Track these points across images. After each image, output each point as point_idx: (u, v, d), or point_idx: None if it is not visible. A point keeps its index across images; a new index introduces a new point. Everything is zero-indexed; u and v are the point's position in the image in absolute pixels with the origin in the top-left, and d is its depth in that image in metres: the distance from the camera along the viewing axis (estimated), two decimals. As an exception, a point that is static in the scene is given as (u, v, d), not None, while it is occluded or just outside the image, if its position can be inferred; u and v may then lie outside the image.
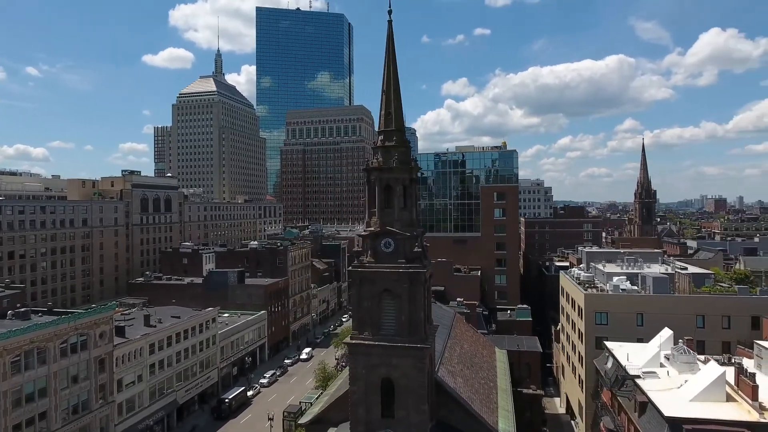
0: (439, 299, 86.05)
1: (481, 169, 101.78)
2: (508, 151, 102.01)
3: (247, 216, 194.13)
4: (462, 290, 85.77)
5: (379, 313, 40.06)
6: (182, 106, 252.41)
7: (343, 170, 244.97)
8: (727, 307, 59.25)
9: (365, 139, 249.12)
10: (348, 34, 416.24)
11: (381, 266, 39.70)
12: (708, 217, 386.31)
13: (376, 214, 40.97)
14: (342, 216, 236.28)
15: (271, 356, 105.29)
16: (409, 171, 41.16)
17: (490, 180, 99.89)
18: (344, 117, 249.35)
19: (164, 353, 71.29)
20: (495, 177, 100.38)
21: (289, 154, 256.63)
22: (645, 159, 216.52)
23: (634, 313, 60.97)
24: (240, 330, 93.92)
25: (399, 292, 39.42)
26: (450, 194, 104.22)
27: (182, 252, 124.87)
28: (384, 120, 41.76)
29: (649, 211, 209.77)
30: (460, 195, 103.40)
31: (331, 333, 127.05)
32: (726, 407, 35.78)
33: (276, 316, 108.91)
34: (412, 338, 39.11)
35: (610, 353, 50.98)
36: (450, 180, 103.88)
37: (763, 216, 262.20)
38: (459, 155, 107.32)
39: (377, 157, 41.24)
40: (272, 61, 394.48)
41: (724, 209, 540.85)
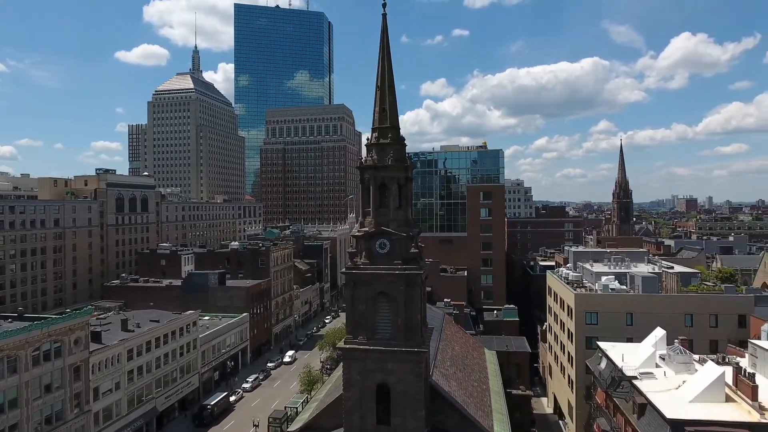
0: (427, 300, 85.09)
1: (465, 168, 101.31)
2: (493, 151, 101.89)
3: (226, 216, 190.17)
4: (449, 290, 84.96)
5: (374, 317, 38.70)
6: (158, 103, 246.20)
7: (324, 170, 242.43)
8: (714, 305, 59.73)
9: (346, 138, 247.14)
10: (328, 32, 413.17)
11: (376, 268, 38.35)
12: (680, 217, 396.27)
13: (370, 214, 39.60)
14: (323, 216, 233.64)
15: (253, 360, 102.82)
16: (404, 169, 39.90)
17: (476, 180, 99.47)
18: (325, 116, 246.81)
19: (143, 359, 68.46)
20: (480, 177, 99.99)
21: (268, 153, 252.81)
22: (623, 160, 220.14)
23: (624, 313, 61.00)
24: (221, 333, 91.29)
25: (395, 294, 38.12)
26: (434, 194, 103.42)
27: (160, 253, 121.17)
28: (378, 116, 40.39)
29: (626, 211, 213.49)
30: (445, 194, 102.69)
31: (314, 335, 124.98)
32: (726, 408, 35.52)
33: (258, 318, 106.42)
34: (408, 342, 37.85)
35: (603, 354, 50.62)
36: (434, 179, 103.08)
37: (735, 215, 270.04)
38: (443, 155, 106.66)
39: (371, 154, 39.86)
40: (250, 59, 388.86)
41: (695, 209, 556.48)
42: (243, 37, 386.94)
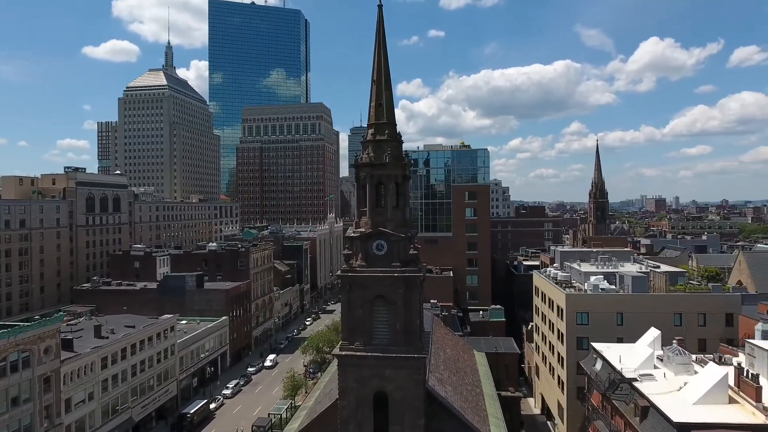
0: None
1: (450, 167, 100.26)
2: (478, 150, 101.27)
3: (201, 216, 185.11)
4: (435, 291, 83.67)
5: (371, 321, 36.98)
6: (130, 100, 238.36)
7: (302, 169, 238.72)
8: (703, 305, 60.03)
9: (325, 137, 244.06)
10: (304, 30, 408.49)
11: (373, 270, 36.65)
12: (650, 216, 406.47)
13: (366, 214, 37.89)
14: (302, 216, 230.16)
15: (233, 364, 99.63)
16: (402, 167, 38.33)
17: (461, 179, 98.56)
18: (303, 114, 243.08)
19: (118, 367, 65.01)
20: (465, 176, 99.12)
21: (245, 152, 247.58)
22: (599, 160, 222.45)
23: (615, 313, 60.79)
24: (200, 338, 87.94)
25: (393, 298, 36.49)
26: (418, 193, 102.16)
27: (133, 255, 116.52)
28: (375, 112, 38.68)
29: (602, 211, 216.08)
30: (429, 194, 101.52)
31: (295, 337, 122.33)
32: (730, 410, 35.07)
33: (238, 321, 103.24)
34: (408, 348, 36.29)
35: (598, 355, 50.02)
36: (418, 179, 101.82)
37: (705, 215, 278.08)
38: (426, 154, 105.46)
39: (367, 152, 38.12)
40: (225, 57, 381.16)
41: (663, 208, 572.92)
42: (217, 34, 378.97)
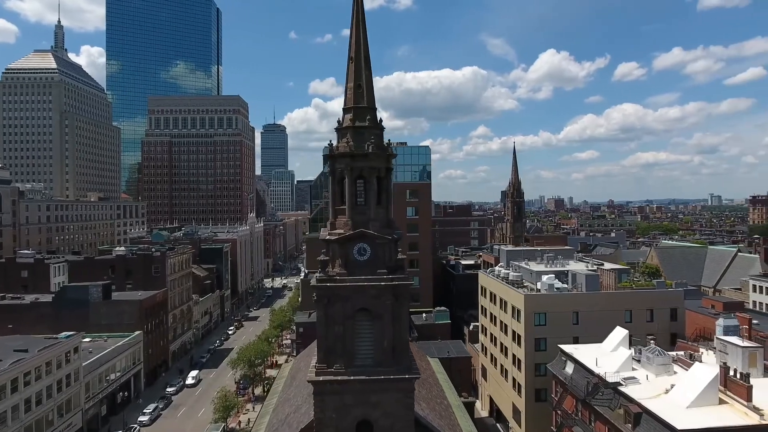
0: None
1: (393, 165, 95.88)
2: (420, 147, 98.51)
3: (102, 217, 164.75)
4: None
5: (352, 339, 31.46)
6: (10, 84, 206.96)
7: (218, 166, 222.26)
8: (650, 301, 61.42)
9: (242, 132, 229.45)
10: (216, 20, 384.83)
11: (356, 279, 31.17)
12: (552, 215, 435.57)
13: (346, 213, 32.24)
14: (218, 216, 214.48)
15: (148, 385, 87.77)
16: (386, 159, 33.21)
17: (402, 177, 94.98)
18: (218, 107, 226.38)
19: (6, 403, 52.90)
20: (405, 174, 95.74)
21: (152, 146, 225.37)
22: (516, 161, 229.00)
23: (571, 312, 60.32)
24: (110, 358, 75.92)
25: (380, 310, 31.29)
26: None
27: (20, 262, 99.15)
28: (354, 94, 33.15)
29: (519, 210, 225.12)
30: None
31: (218, 349, 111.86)
32: (724, 411, 34.35)
33: (154, 336, 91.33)
34: (397, 367, 31.26)
35: (569, 357, 48.50)
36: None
37: (602, 213, 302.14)
38: None
39: (346, 140, 32.51)
40: (124, 44, 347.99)
41: (562, 208, 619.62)
42: (116, 18, 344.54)
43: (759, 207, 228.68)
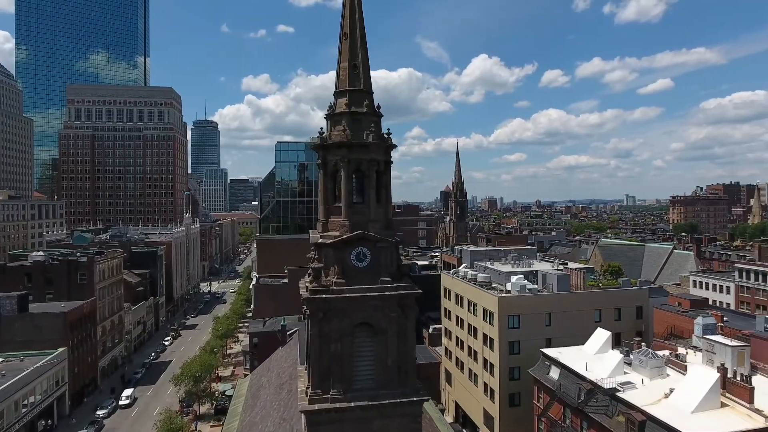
0: (313, 312, 73.68)
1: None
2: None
3: (13, 218, 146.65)
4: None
5: (351, 359, 27.11)
6: None
7: (148, 162, 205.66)
8: (617, 299, 61.64)
9: (175, 126, 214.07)
10: (144, 8, 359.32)
11: (355, 289, 26.89)
12: (486, 215, 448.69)
13: (342, 212, 27.81)
14: (148, 216, 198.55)
15: (74, 408, 77.51)
16: (385, 150, 29.12)
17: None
18: (149, 99, 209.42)
19: None
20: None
21: (71, 140, 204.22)
22: (459, 162, 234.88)
23: (544, 314, 59.14)
24: (28, 381, 65.77)
25: (383, 324, 27.21)
26: (305, 191, 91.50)
27: None
28: (348, 75, 28.75)
29: (462, 210, 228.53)
30: (312, 191, 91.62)
31: (154, 363, 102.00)
32: (729, 415, 33.51)
33: (80, 352, 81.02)
34: (403, 389, 27.31)
35: (554, 362, 46.74)
36: (315, 175, 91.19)
37: (537, 213, 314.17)
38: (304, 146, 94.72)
39: (341, 127, 28.07)
40: (37, 28, 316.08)
41: (495, 208, 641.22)
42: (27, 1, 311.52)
43: (678, 207, 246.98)
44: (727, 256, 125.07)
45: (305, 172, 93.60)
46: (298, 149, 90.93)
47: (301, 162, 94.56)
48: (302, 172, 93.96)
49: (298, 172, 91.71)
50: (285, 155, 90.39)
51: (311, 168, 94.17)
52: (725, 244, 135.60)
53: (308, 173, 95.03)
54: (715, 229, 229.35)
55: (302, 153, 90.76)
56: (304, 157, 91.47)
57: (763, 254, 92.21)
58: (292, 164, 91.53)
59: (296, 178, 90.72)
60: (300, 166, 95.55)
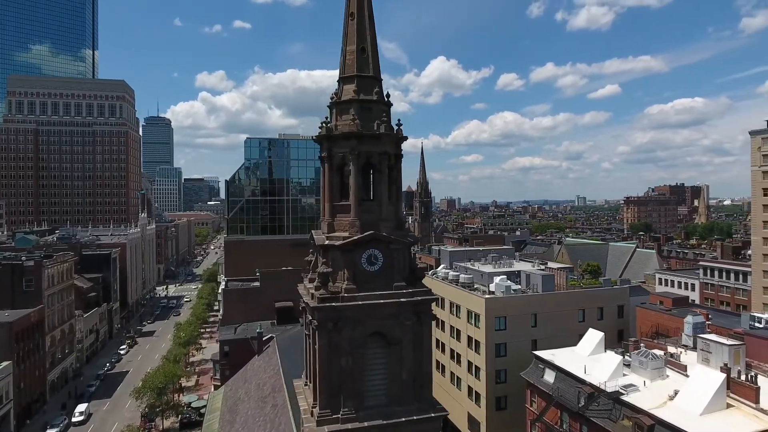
0: (287, 317, 70.37)
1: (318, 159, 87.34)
2: None
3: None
4: (314, 303, 71.33)
5: (362, 374, 24.43)
6: None
7: (98, 159, 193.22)
8: (600, 299, 61.55)
9: (128, 122, 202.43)
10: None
11: (368, 295, 24.26)
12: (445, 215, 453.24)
13: (351, 211, 25.11)
14: (98, 217, 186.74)
15: (20, 428, 70.47)
16: (396, 142, 26.59)
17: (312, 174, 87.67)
18: (99, 92, 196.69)
19: None
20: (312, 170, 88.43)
21: (11, 135, 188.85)
22: (423, 162, 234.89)
23: (530, 315, 58.18)
24: (-33, 400, 58.94)
25: (398, 334, 24.73)
26: (286, 190, 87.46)
27: None
28: (357, 59, 26.09)
29: (427, 210, 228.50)
30: (298, 190, 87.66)
31: (109, 374, 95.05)
32: (736, 416, 33.08)
33: (27, 365, 73.90)
34: (418, 405, 24.89)
35: (548, 365, 45.56)
36: (285, 173, 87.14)
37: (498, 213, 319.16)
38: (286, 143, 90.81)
39: (350, 116, 25.34)
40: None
41: (454, 208, 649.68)
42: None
43: (632, 207, 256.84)
44: (684, 254, 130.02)
45: (273, 169, 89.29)
46: (271, 146, 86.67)
47: (269, 159, 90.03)
48: (270, 169, 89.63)
49: (267, 170, 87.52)
50: (255, 152, 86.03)
51: (279, 165, 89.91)
52: (682, 242, 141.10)
53: (276, 171, 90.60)
54: (665, 227, 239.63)
55: (274, 150, 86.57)
56: (274, 154, 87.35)
57: (726, 252, 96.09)
58: (262, 161, 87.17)
59: (266, 176, 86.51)
60: (268, 163, 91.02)
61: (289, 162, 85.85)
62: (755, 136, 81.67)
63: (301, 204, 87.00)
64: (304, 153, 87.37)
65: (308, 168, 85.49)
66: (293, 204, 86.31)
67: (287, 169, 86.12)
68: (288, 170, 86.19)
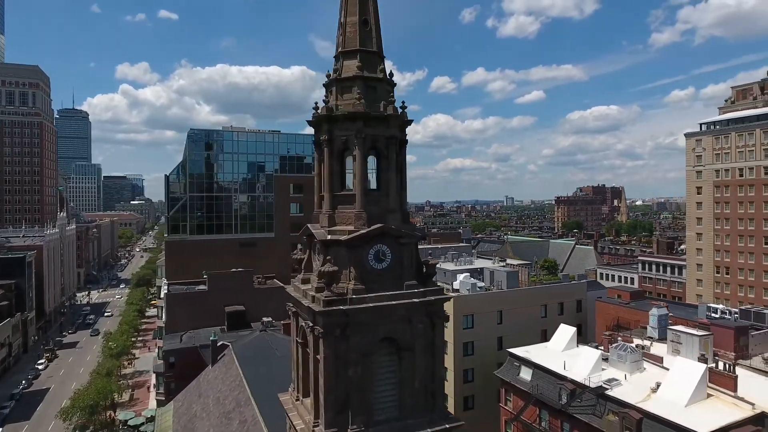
0: (239, 322, 65.67)
1: (272, 154, 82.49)
2: (309, 135, 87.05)
3: None
4: (267, 307, 67.22)
5: (370, 385, 21.68)
6: None
7: (6, 152, 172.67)
8: (561, 294, 62.40)
9: (42, 112, 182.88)
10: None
11: (379, 296, 21.56)
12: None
13: (356, 202, 22.31)
14: (6, 216, 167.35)
15: None
16: (401, 126, 24.02)
17: (285, 169, 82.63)
18: (9, 79, 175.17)
19: None
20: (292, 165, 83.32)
21: None
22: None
23: (496, 312, 57.75)
24: None
25: (409, 339, 22.24)
26: (236, 187, 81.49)
27: None
28: (359, 32, 23.30)
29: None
30: (247, 186, 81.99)
31: (25, 393, 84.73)
32: (718, 406, 33.73)
33: (-75, 388, 63.34)
34: (431, 416, 22.55)
35: (524, 362, 44.94)
36: (233, 166, 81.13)
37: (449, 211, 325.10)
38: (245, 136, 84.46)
39: (356, 95, 22.46)
40: None
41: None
42: None
43: (562, 206, 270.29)
44: (617, 250, 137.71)
45: (218, 164, 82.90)
46: (215, 139, 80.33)
47: (209, 153, 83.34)
48: (213, 164, 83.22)
49: (211, 165, 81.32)
50: (200, 146, 79.47)
51: (226, 160, 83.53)
52: (614, 239, 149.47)
53: (224, 166, 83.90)
54: (592, 225, 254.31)
55: (221, 143, 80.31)
56: (219, 148, 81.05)
57: (661, 248, 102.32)
58: (202, 157, 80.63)
59: (212, 171, 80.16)
60: (207, 158, 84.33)
61: (238, 156, 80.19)
62: (690, 138, 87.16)
63: (250, 201, 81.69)
64: (256, 147, 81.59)
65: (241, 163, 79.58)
66: (241, 201, 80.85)
67: (234, 164, 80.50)
68: (236, 165, 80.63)
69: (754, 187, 79.41)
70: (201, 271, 72.14)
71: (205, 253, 75.73)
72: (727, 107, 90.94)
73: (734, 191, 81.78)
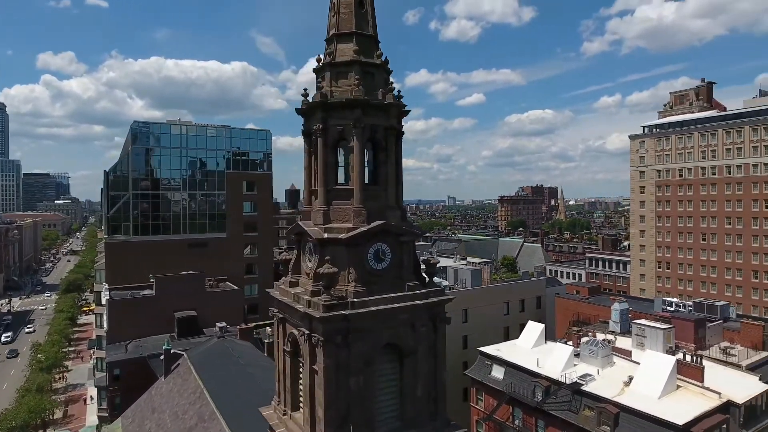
0: (190, 329, 61.69)
1: (223, 150, 77.58)
2: (260, 131, 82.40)
3: None
4: (221, 311, 63.51)
5: (371, 393, 20.03)
6: None
7: None
8: (522, 291, 63.25)
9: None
10: None
11: (382, 299, 19.95)
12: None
13: (353, 197, 20.57)
14: None
15: None
16: (399, 116, 22.49)
17: (239, 165, 78.16)
18: None
19: None
20: (244, 162, 78.92)
21: None
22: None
23: (461, 310, 57.52)
24: None
25: (412, 343, 20.79)
26: (181, 183, 76.18)
27: None
28: (353, 14, 21.59)
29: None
30: (196, 184, 76.75)
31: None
32: (687, 396, 34.90)
33: None
34: (433, 424, 21.23)
35: (495, 360, 44.76)
36: (179, 163, 75.72)
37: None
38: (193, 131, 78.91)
39: (353, 81, 20.70)
40: None
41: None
42: None
43: (505, 206, 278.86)
44: (561, 247, 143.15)
45: (159, 158, 76.97)
46: (163, 132, 74.49)
47: (147, 147, 77.16)
48: (155, 158, 77.31)
49: (156, 161, 75.62)
50: (144, 139, 73.47)
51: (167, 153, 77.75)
52: (557, 237, 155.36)
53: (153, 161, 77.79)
54: (533, 224, 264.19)
55: (167, 137, 74.68)
56: (164, 142, 75.32)
57: (606, 244, 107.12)
58: (152, 150, 74.96)
59: (157, 166, 74.40)
60: (146, 150, 77.90)
61: (187, 152, 75.01)
62: (634, 140, 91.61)
63: (199, 199, 76.85)
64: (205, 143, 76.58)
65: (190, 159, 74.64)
66: (190, 199, 75.84)
67: (182, 160, 75.35)
68: (184, 161, 75.49)
69: (692, 187, 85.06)
70: (146, 274, 67.05)
71: (151, 254, 70.40)
72: (666, 111, 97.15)
73: (674, 191, 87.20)
